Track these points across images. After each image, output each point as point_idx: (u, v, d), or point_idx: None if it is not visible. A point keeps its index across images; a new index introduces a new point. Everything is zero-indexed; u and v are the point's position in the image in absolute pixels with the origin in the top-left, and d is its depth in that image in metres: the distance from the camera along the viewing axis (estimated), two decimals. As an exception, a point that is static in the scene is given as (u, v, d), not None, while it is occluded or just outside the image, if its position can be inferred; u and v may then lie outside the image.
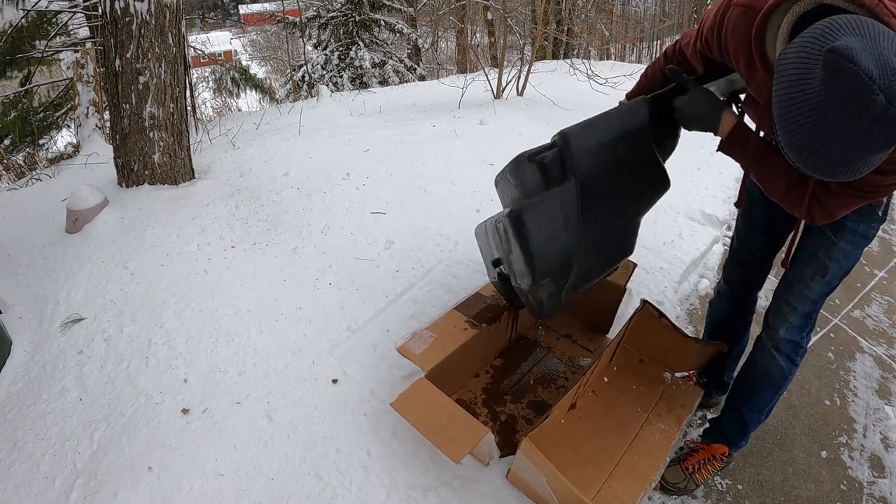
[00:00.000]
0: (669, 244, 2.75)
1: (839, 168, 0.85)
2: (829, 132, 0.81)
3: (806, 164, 0.87)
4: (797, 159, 0.88)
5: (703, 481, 1.66)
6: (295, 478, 1.59)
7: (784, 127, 0.87)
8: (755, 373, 1.56)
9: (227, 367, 1.94)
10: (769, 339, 1.51)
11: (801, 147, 0.86)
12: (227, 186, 3.06)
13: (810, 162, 0.86)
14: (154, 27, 2.79)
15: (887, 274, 2.85)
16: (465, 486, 1.56)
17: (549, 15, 8.05)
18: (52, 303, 2.33)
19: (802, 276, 1.40)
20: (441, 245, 2.57)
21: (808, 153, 0.85)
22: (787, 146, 0.88)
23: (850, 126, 0.79)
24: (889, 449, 1.83)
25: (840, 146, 0.82)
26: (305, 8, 9.30)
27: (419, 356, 1.69)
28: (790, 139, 0.87)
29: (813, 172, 0.89)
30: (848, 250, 1.34)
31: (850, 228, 1.31)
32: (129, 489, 1.56)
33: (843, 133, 0.80)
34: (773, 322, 1.49)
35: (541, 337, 2.12)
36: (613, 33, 12.65)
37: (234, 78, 7.86)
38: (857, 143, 0.80)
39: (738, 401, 1.63)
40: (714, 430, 1.70)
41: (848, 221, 1.30)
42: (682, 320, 2.36)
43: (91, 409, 1.83)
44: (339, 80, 8.52)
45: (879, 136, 0.79)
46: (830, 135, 0.81)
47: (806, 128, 0.83)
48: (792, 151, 0.88)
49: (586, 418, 1.73)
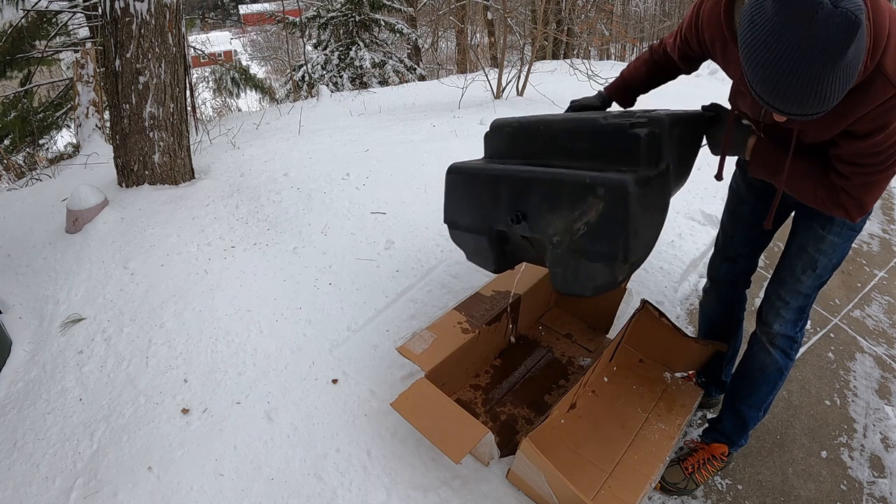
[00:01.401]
0: (669, 244, 2.75)
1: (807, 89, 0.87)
2: (786, 49, 0.85)
3: (774, 91, 0.90)
4: (766, 90, 0.91)
5: (702, 481, 1.66)
6: (295, 478, 1.59)
7: (748, 62, 0.91)
8: (752, 369, 1.57)
9: (227, 367, 1.94)
10: (763, 335, 1.52)
11: (765, 74, 0.89)
12: (227, 186, 3.06)
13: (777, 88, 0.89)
14: (154, 27, 2.79)
15: (887, 274, 2.84)
16: (465, 486, 1.56)
17: (549, 15, 8.06)
18: (52, 303, 2.33)
19: (793, 270, 1.42)
20: (441, 245, 2.57)
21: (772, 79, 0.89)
22: (755, 79, 0.92)
23: (802, 37, 0.83)
24: (889, 449, 1.83)
25: (798, 61, 0.85)
26: (305, 8, 9.31)
27: (419, 356, 1.69)
28: (755, 70, 0.91)
29: (783, 104, 0.91)
30: (836, 243, 1.36)
31: (837, 221, 1.33)
32: (129, 489, 1.56)
33: (799, 46, 0.84)
34: (767, 318, 1.50)
35: (541, 337, 2.12)
36: (613, 33, 12.64)
37: (234, 78, 7.87)
38: (813, 52, 0.84)
39: (736, 398, 1.63)
40: (713, 430, 1.70)
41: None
42: (682, 320, 2.37)
43: (91, 409, 1.83)
44: (339, 80, 8.53)
45: (832, 39, 0.83)
46: (788, 51, 0.85)
47: (765, 53, 0.88)
48: (759, 83, 0.92)
49: (586, 418, 1.73)
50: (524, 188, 1.42)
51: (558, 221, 1.36)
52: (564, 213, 1.34)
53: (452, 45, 16.28)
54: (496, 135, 1.64)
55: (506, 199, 1.47)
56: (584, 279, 1.38)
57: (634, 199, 1.21)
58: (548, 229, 1.38)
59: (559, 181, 1.34)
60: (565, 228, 1.35)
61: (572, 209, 1.32)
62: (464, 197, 1.62)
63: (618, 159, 1.30)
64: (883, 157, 1.06)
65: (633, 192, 1.20)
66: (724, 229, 1.66)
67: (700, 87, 5.49)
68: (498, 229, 1.54)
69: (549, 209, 1.36)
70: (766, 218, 1.55)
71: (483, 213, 1.56)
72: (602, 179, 1.25)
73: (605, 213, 1.26)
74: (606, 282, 1.34)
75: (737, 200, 1.59)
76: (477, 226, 1.60)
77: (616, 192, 1.22)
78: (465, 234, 1.67)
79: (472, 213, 1.61)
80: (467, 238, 1.67)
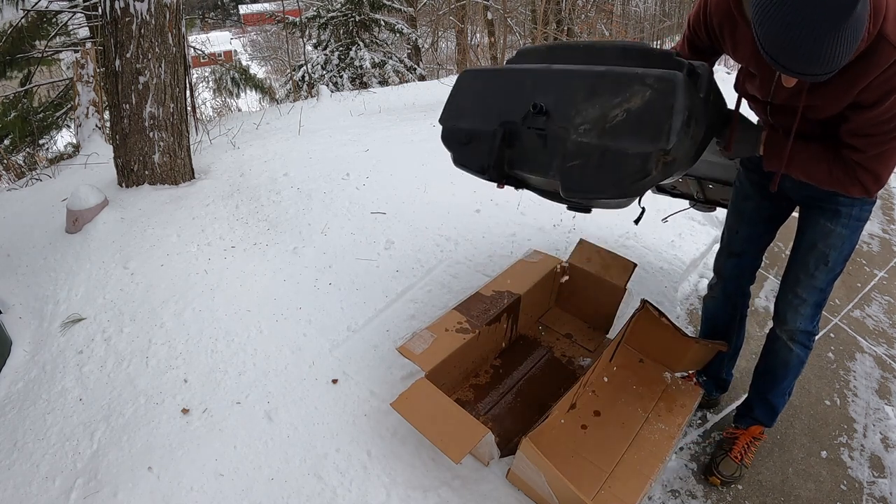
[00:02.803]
0: (669, 244, 2.75)
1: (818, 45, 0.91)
2: (798, 6, 0.90)
3: (787, 50, 0.94)
4: (778, 49, 0.95)
5: (750, 464, 1.72)
6: (295, 478, 1.59)
7: (761, 23, 0.96)
8: (775, 365, 1.62)
9: (227, 367, 1.94)
10: (784, 333, 1.57)
11: (778, 33, 0.93)
12: (227, 186, 3.06)
13: (789, 46, 0.93)
14: (154, 27, 2.79)
15: (887, 274, 2.84)
16: (465, 486, 1.56)
17: (549, 15, 8.05)
18: (52, 303, 2.33)
19: (807, 267, 1.45)
20: (441, 245, 2.57)
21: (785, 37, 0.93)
22: (767, 39, 0.96)
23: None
24: (889, 449, 1.83)
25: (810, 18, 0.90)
26: (305, 8, 9.30)
27: (419, 356, 1.69)
28: (768, 29, 0.95)
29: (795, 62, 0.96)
30: (845, 235, 1.39)
31: (844, 213, 1.37)
32: (129, 489, 1.56)
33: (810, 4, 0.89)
34: (786, 316, 1.54)
35: (541, 337, 2.12)
36: (613, 33, 12.65)
37: (234, 78, 7.87)
38: (825, 10, 0.89)
39: (764, 390, 1.69)
40: (747, 417, 1.75)
41: (841, 207, 1.37)
42: (682, 320, 2.36)
43: (91, 409, 1.83)
44: (339, 80, 8.52)
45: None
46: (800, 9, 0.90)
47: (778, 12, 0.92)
48: (772, 43, 0.96)
49: (586, 418, 1.73)
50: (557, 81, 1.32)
51: (591, 109, 1.26)
52: (602, 100, 1.24)
53: (452, 45, 16.28)
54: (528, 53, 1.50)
55: (529, 90, 1.36)
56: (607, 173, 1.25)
57: (683, 88, 1.17)
58: (576, 118, 1.28)
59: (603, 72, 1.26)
60: (599, 116, 1.25)
61: (613, 97, 1.23)
62: (477, 95, 1.48)
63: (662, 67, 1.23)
64: (894, 122, 1.10)
65: (682, 82, 1.17)
66: (728, 225, 1.68)
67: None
68: (507, 121, 1.39)
69: (583, 98, 1.27)
70: (767, 216, 1.58)
71: (496, 108, 1.42)
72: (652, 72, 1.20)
73: (650, 99, 1.19)
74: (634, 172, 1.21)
75: (741, 197, 1.61)
76: (483, 122, 1.44)
77: (666, 80, 1.18)
78: (461, 133, 1.51)
79: (481, 110, 1.46)
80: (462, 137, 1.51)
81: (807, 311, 1.50)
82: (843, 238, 1.40)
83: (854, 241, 1.42)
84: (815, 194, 1.40)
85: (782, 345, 1.58)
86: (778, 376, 1.63)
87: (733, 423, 1.79)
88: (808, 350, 1.57)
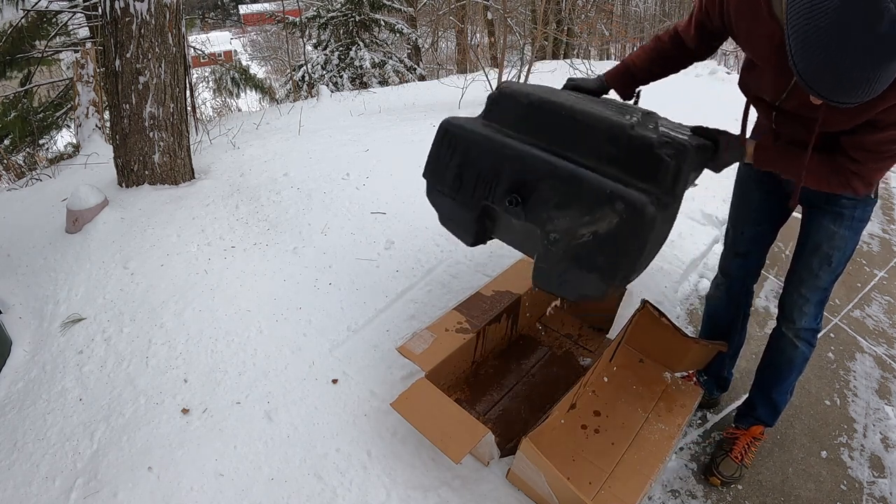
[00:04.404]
0: (669, 244, 2.75)
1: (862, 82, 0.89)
2: (849, 46, 0.87)
3: (825, 83, 0.91)
4: (817, 79, 0.92)
5: (750, 464, 1.72)
6: (295, 478, 1.59)
7: (804, 49, 0.91)
8: (780, 362, 1.64)
9: (227, 367, 1.94)
10: (789, 331, 1.58)
11: (820, 67, 0.90)
12: (227, 186, 3.06)
13: (829, 80, 0.90)
14: (154, 27, 2.79)
15: (887, 274, 2.84)
16: (465, 486, 1.56)
17: (549, 15, 8.06)
18: (52, 303, 2.33)
19: (811, 268, 1.48)
20: (441, 245, 2.57)
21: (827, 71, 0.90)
22: (807, 67, 0.92)
23: (869, 38, 0.85)
24: (889, 449, 1.83)
25: (861, 59, 0.87)
26: (305, 8, 9.30)
27: (419, 356, 1.69)
28: (811, 58, 0.91)
29: (831, 92, 0.92)
30: (848, 236, 1.42)
31: (846, 215, 1.39)
32: (129, 489, 1.56)
33: (864, 46, 0.86)
34: (792, 315, 1.56)
35: (541, 337, 2.12)
36: (613, 33, 12.64)
37: (234, 78, 7.87)
38: (877, 53, 0.86)
39: (767, 388, 1.70)
40: (748, 416, 1.75)
41: (844, 209, 1.38)
42: (682, 320, 2.37)
43: (91, 409, 1.83)
44: (339, 80, 8.52)
45: (891, 43, 0.85)
46: (851, 48, 0.87)
47: (824, 46, 0.88)
48: (811, 75, 0.92)
49: (586, 418, 1.73)
50: (533, 173, 1.33)
51: (562, 220, 1.29)
52: (572, 214, 1.27)
53: (452, 45, 16.28)
54: (508, 102, 1.49)
55: (507, 177, 1.37)
56: (571, 284, 1.35)
57: (651, 225, 1.18)
58: (547, 224, 1.32)
59: (577, 179, 1.27)
60: (568, 230, 1.28)
61: (582, 214, 1.25)
62: (457, 159, 1.50)
63: (637, 173, 1.25)
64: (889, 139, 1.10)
65: (652, 217, 1.18)
66: (732, 225, 1.69)
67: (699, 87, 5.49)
68: (487, 204, 1.44)
69: (556, 205, 1.30)
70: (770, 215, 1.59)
71: (476, 184, 1.44)
72: (624, 195, 1.20)
73: (618, 229, 1.21)
74: (594, 293, 1.32)
75: (744, 197, 1.63)
76: (464, 195, 1.48)
77: (636, 212, 1.18)
78: (444, 206, 1.55)
79: (462, 178, 1.48)
80: (446, 202, 1.55)
81: (811, 310, 1.53)
82: (846, 239, 1.42)
83: (856, 242, 1.44)
84: (817, 196, 1.40)
85: (788, 342, 1.59)
86: (783, 373, 1.64)
87: (734, 424, 1.79)
88: (812, 347, 1.59)
